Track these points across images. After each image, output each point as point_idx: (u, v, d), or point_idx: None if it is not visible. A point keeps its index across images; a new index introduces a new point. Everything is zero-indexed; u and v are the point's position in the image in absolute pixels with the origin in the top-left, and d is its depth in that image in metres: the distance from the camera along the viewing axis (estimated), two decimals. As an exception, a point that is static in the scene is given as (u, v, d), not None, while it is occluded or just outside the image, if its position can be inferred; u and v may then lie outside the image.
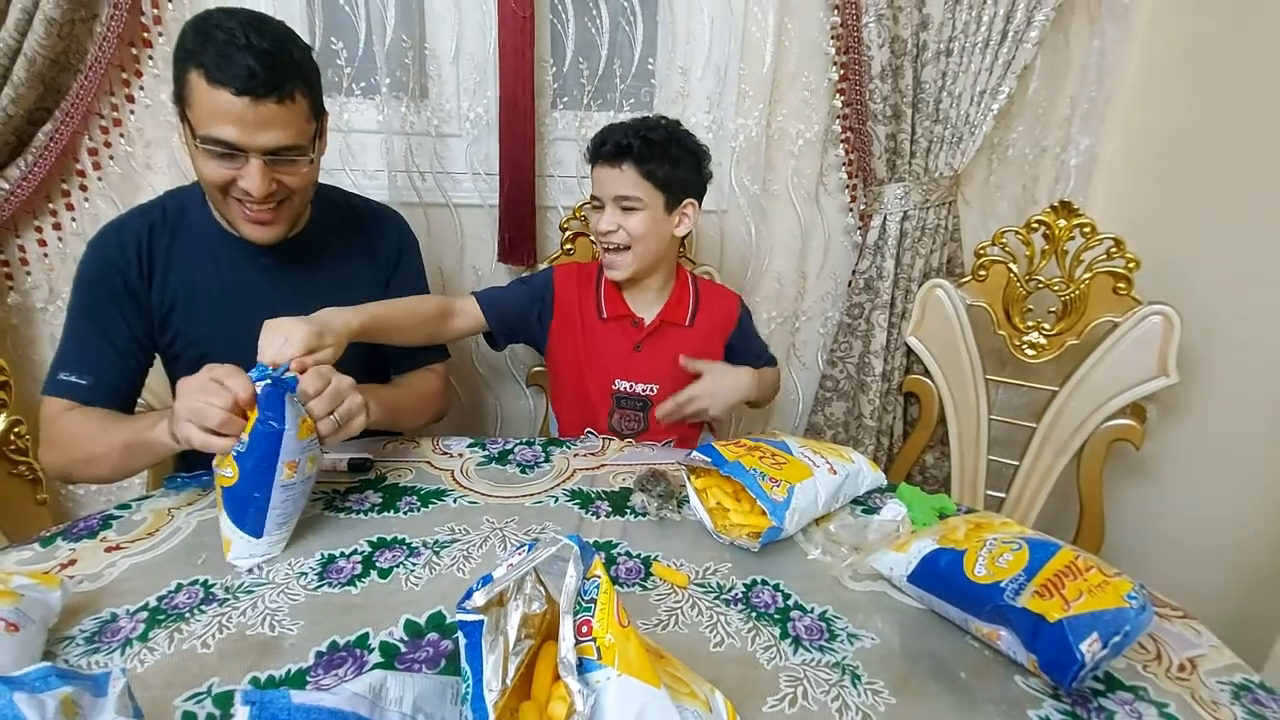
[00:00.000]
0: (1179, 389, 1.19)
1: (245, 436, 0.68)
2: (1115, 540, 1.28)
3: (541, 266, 1.41)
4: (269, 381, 0.69)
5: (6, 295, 1.33)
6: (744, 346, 1.21)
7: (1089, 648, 0.53)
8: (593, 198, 1.10)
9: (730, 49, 1.35)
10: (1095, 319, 1.25)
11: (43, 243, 1.31)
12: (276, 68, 0.79)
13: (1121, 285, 1.21)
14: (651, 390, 1.13)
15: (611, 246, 1.08)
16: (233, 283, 0.96)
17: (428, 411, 1.10)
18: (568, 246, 1.41)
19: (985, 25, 1.26)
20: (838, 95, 1.38)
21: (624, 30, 1.36)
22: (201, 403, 0.68)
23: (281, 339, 0.75)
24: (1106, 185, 1.46)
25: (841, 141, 1.42)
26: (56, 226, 1.31)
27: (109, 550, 0.73)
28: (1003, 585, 0.60)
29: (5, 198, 1.22)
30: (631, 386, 1.13)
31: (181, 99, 0.82)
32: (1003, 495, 1.38)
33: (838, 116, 1.40)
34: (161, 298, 0.95)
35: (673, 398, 1.07)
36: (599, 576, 0.46)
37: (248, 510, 0.70)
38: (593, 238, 1.14)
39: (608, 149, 1.04)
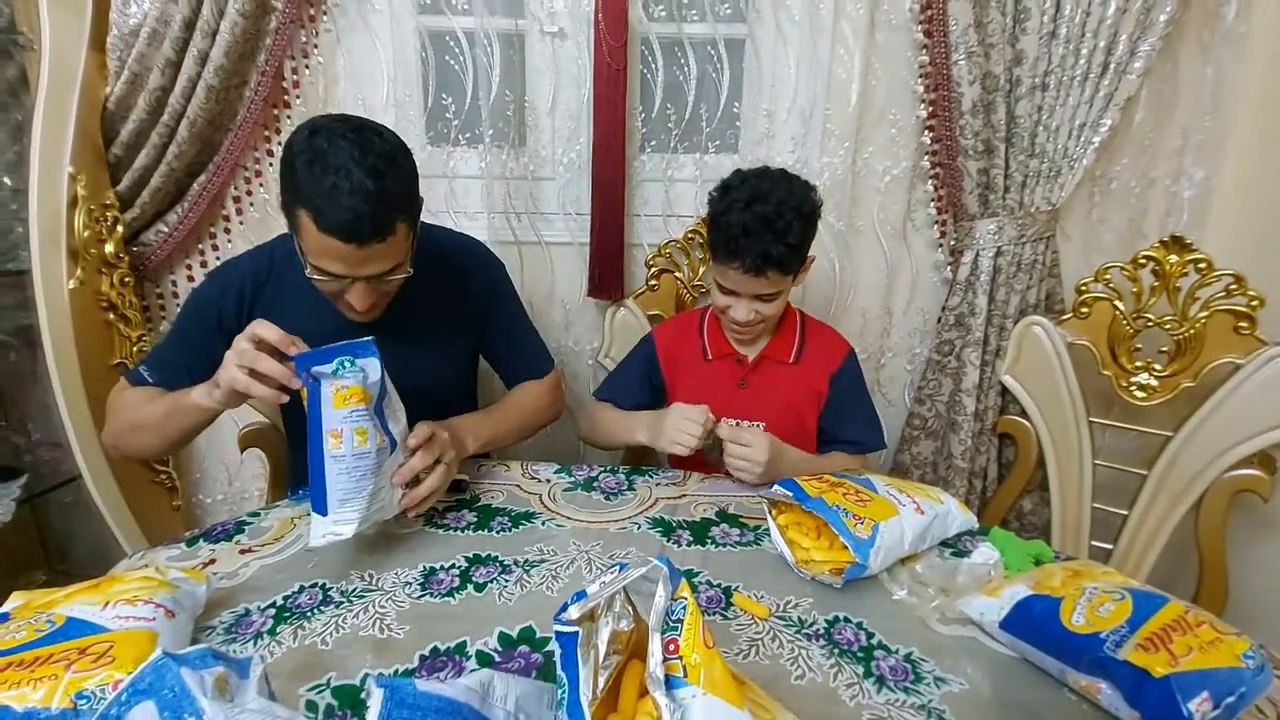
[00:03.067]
0: (1314, 438, 1.09)
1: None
2: (1240, 601, 1.17)
3: (628, 301, 1.46)
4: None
5: (160, 324, 1.51)
6: (849, 398, 1.16)
7: (1198, 707, 0.50)
8: (719, 286, 1.07)
9: (816, 91, 1.37)
10: (1214, 360, 1.17)
11: (192, 278, 1.49)
12: (382, 213, 0.81)
13: (1244, 324, 1.13)
14: (758, 427, 1.11)
15: (748, 330, 1.09)
16: (331, 328, 0.97)
17: (533, 427, 1.13)
18: (653, 283, 1.46)
19: (1084, 59, 1.23)
20: (926, 132, 1.37)
21: (711, 77, 1.41)
22: (244, 345, 0.75)
23: None
24: (1223, 218, 1.37)
25: (930, 177, 1.41)
26: (204, 265, 1.48)
27: (242, 552, 0.81)
28: (1103, 636, 0.58)
29: (164, 239, 1.40)
30: (738, 424, 1.11)
31: (291, 223, 0.85)
32: (1110, 546, 1.29)
33: (926, 153, 1.39)
34: None
35: (733, 428, 1.02)
36: (686, 598, 0.48)
37: (314, 484, 0.75)
38: (719, 315, 1.14)
39: (752, 262, 0.98)
